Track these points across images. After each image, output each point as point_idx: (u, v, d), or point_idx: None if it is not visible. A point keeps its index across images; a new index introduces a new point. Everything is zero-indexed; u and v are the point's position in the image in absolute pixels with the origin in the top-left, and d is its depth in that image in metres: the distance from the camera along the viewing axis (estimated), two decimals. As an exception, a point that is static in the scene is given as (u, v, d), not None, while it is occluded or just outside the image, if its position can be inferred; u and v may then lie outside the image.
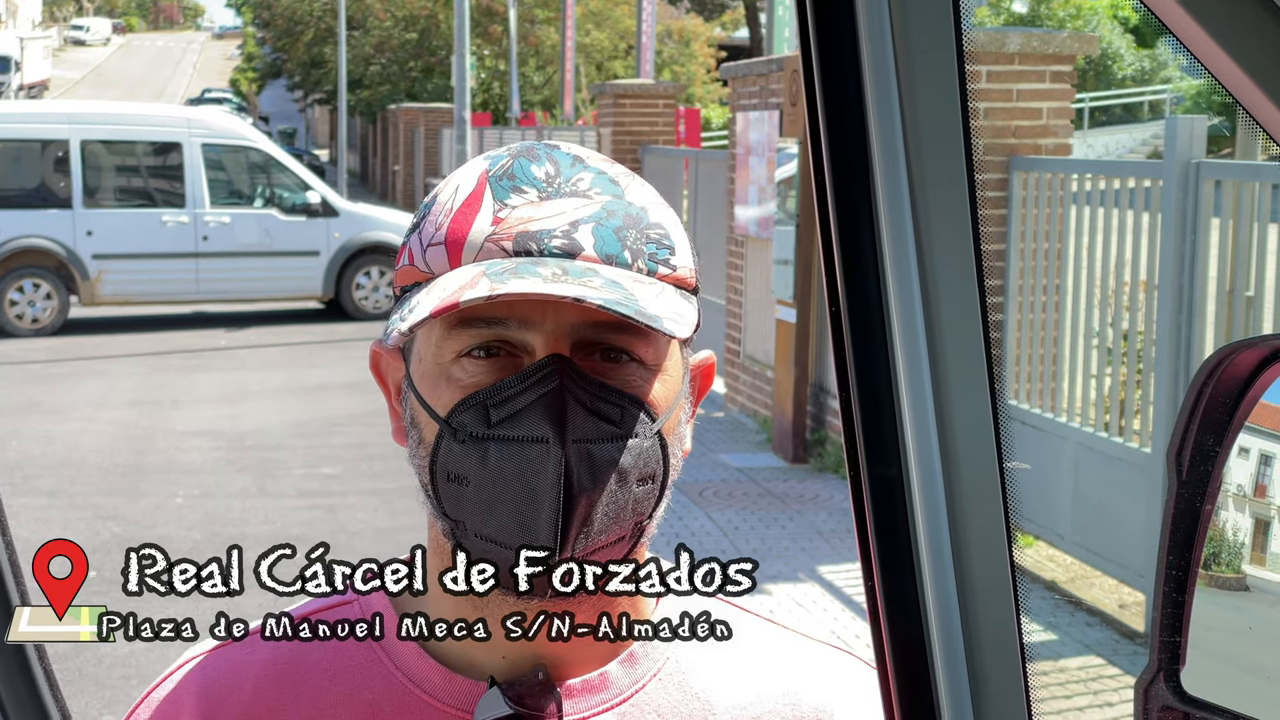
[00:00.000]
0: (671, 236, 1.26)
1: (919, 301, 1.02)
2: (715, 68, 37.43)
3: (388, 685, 1.29)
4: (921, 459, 1.04)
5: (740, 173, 12.50)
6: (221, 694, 1.32)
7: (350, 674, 1.30)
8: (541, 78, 41.06)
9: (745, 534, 9.29)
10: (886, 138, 1.00)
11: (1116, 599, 7.79)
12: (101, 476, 11.08)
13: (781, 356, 11.47)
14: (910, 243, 1.01)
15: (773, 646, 1.38)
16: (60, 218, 19.10)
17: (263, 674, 1.32)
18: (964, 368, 1.03)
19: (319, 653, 1.32)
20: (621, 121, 17.15)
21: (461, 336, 1.21)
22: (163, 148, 19.55)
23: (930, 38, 0.97)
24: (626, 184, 1.27)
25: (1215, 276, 7.16)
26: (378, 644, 1.31)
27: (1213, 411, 1.08)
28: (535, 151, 1.26)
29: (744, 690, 1.34)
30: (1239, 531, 1.09)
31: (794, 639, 1.40)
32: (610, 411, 1.20)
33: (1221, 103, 4.01)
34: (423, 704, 1.28)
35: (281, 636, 1.32)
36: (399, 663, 1.30)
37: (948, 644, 1.05)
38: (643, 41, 28.80)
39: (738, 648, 1.35)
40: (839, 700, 1.36)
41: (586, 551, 1.19)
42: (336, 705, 1.29)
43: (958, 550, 1.05)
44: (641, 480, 1.22)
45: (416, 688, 1.28)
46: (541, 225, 1.21)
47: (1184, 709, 1.06)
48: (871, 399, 1.04)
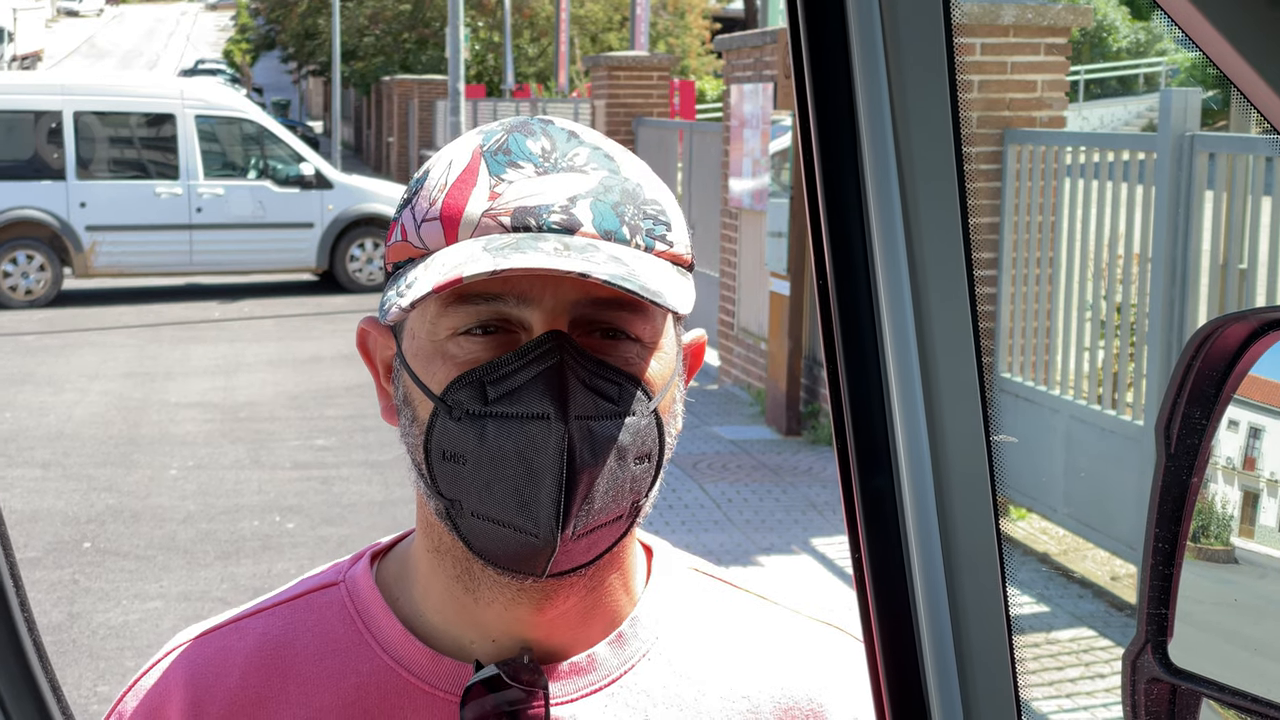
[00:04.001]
0: (668, 213, 1.25)
1: (906, 274, 1.02)
2: (710, 40, 37.34)
3: (374, 668, 1.29)
4: (908, 430, 1.04)
5: (734, 145, 12.48)
6: (208, 680, 1.31)
7: (337, 657, 1.30)
8: (536, 50, 40.96)
9: (738, 506, 9.30)
10: (874, 111, 1.00)
11: (1108, 571, 7.81)
12: (96, 448, 11.08)
13: (775, 329, 11.48)
14: (898, 216, 1.01)
15: (764, 625, 1.37)
16: (54, 189, 19.06)
17: (250, 659, 1.31)
18: (951, 340, 1.03)
19: (306, 636, 1.31)
20: (616, 94, 17.11)
21: (458, 313, 1.20)
22: (156, 119, 19.50)
23: (918, 9, 0.97)
24: (622, 160, 1.26)
25: (1209, 249, 7.16)
26: (364, 627, 1.31)
27: (1201, 385, 1.08)
28: (530, 126, 1.25)
29: (735, 671, 1.33)
30: (1227, 504, 1.09)
31: (786, 616, 1.39)
32: (609, 389, 1.19)
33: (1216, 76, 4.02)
34: (410, 686, 1.28)
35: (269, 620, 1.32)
36: (386, 645, 1.29)
37: (934, 615, 1.06)
38: (637, 13, 28.73)
39: (729, 627, 1.35)
40: (831, 681, 1.35)
41: (585, 529, 1.18)
42: (323, 689, 1.29)
43: (944, 522, 1.05)
44: (639, 459, 1.21)
45: (404, 670, 1.28)
46: (539, 200, 1.20)
47: (1171, 680, 1.07)
48: (859, 372, 1.04)
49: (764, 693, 1.33)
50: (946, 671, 1.06)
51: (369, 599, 1.32)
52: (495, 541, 1.19)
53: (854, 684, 1.35)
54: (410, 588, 1.32)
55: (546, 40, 40.28)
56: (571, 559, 1.20)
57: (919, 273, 1.02)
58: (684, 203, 15.45)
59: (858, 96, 1.00)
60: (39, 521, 9.09)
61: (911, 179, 1.00)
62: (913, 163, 1.00)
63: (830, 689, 1.35)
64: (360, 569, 1.35)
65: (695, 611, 1.35)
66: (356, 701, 1.28)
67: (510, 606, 1.25)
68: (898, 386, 1.04)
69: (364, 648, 1.30)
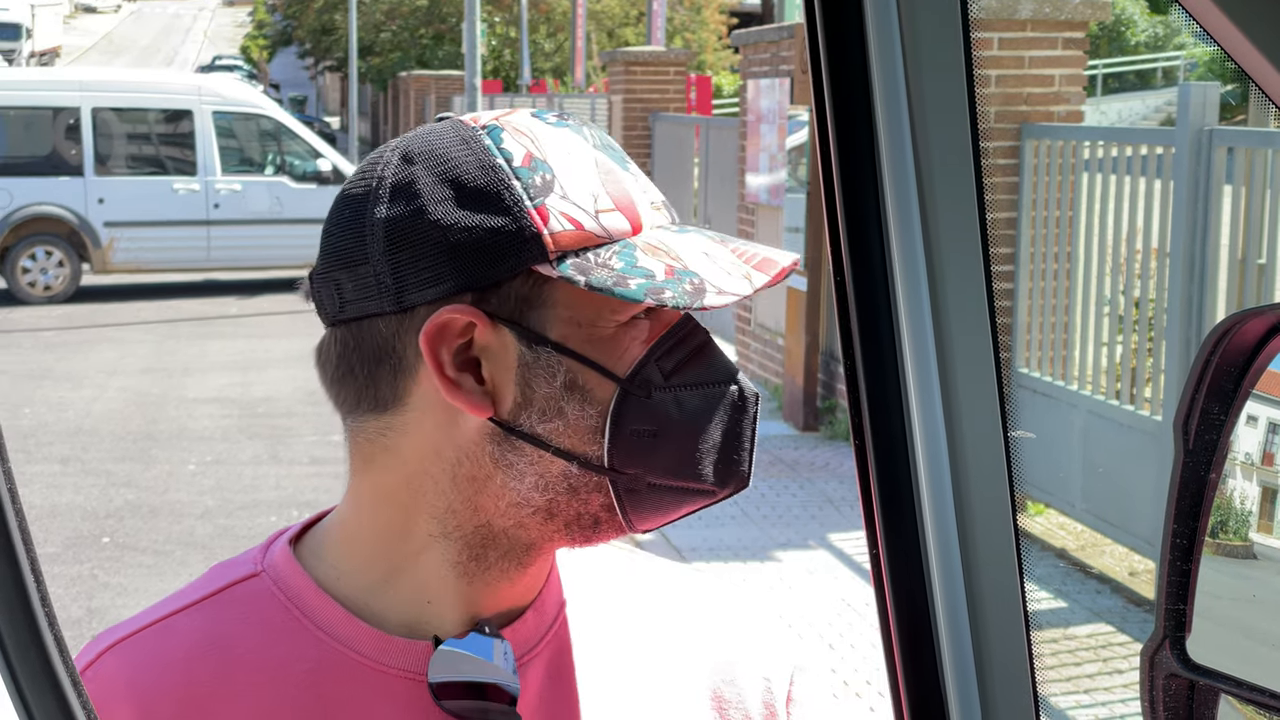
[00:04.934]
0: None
1: (924, 270, 1.02)
2: (727, 35, 37.29)
3: (324, 653, 1.27)
4: (926, 426, 1.04)
5: (751, 140, 12.47)
6: (153, 683, 1.28)
7: (281, 646, 1.28)
8: (552, 45, 40.95)
9: (755, 501, 9.30)
10: (891, 107, 1.00)
11: (1126, 567, 7.79)
12: (114, 443, 11.11)
13: (792, 324, 11.47)
14: (915, 212, 1.01)
15: (666, 585, 1.43)
16: (72, 185, 19.11)
17: (190, 655, 1.28)
18: (969, 336, 1.03)
19: (243, 629, 1.29)
20: (632, 89, 17.11)
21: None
22: (174, 115, 19.53)
23: (935, 4, 0.97)
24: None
25: (1227, 244, 7.14)
26: (301, 613, 1.29)
27: (1219, 380, 1.08)
28: (576, 118, 1.32)
29: (650, 631, 1.38)
30: (1246, 500, 1.09)
31: (680, 574, 1.45)
32: None
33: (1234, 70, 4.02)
34: (365, 668, 1.27)
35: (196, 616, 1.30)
36: (330, 630, 1.28)
37: (951, 610, 1.06)
38: (654, 8, 28.71)
39: (631, 588, 1.41)
40: (741, 637, 1.40)
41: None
42: (274, 681, 1.27)
43: (962, 517, 1.05)
44: None
45: (353, 651, 1.27)
46: (657, 192, 1.30)
47: (1189, 676, 1.07)
48: (877, 368, 1.04)
49: (678, 644, 1.38)
50: (964, 667, 1.06)
51: (300, 585, 1.30)
52: (663, 505, 1.26)
53: (755, 629, 1.42)
54: (351, 570, 1.30)
55: (563, 35, 40.27)
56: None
57: (936, 268, 1.02)
58: (700, 197, 15.44)
59: (875, 92, 1.00)
60: (58, 517, 9.12)
61: (929, 174, 1.00)
62: (930, 158, 1.00)
63: (737, 636, 1.40)
64: (280, 557, 1.33)
65: (595, 573, 1.40)
66: (310, 687, 1.26)
67: (506, 584, 1.29)
68: (915, 382, 1.04)
69: (306, 633, 1.28)
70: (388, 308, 1.24)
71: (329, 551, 1.32)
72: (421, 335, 1.23)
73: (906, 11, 0.98)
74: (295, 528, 1.37)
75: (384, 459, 1.28)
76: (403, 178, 1.25)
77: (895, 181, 1.01)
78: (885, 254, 1.03)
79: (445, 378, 1.24)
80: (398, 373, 1.26)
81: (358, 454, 1.30)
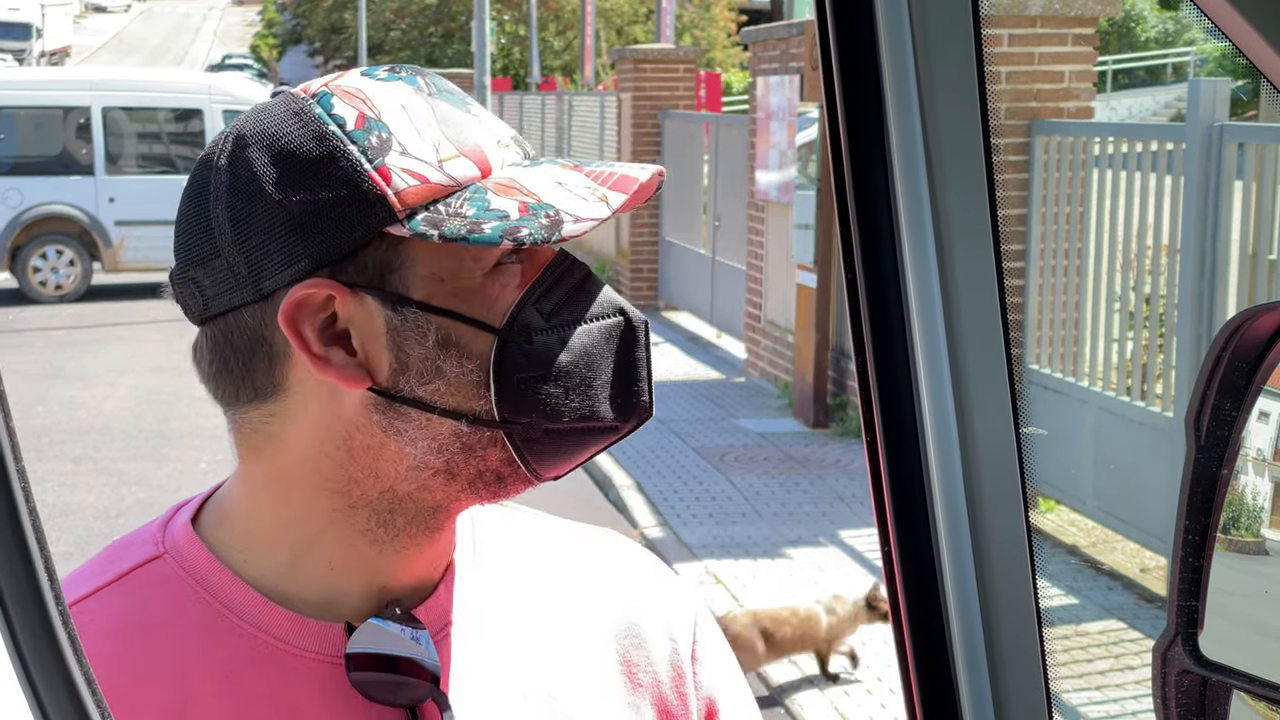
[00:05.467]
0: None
1: (935, 267, 1.02)
2: (736, 32, 37.26)
3: (240, 639, 1.25)
4: (938, 423, 1.04)
5: (761, 137, 12.46)
6: None
7: (196, 632, 1.26)
8: (561, 43, 40.95)
9: (766, 499, 9.30)
10: (902, 103, 1.00)
11: (1138, 563, 7.78)
12: (126, 442, 11.13)
13: (802, 321, 11.46)
14: (926, 208, 1.01)
15: (565, 544, 1.42)
16: (83, 184, 19.14)
17: (109, 641, 1.26)
18: (980, 333, 1.02)
19: (155, 615, 1.27)
20: (642, 86, 17.10)
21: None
22: (184, 114, 19.56)
23: (946, 1, 0.97)
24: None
25: (1238, 240, 7.13)
26: (213, 598, 1.27)
27: (1231, 376, 1.08)
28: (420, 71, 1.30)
29: (559, 591, 1.38)
30: (1258, 495, 1.09)
31: (577, 531, 1.45)
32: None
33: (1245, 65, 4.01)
34: (282, 653, 1.25)
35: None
36: (244, 615, 1.26)
37: (963, 607, 1.06)
38: (663, 5, 28.70)
39: (536, 549, 1.40)
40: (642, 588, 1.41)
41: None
42: (192, 669, 1.25)
43: (974, 514, 1.05)
44: None
45: (271, 638, 1.25)
46: (507, 129, 1.28)
47: (1201, 672, 1.07)
48: (888, 365, 1.04)
49: (589, 607, 1.37)
50: (976, 663, 1.06)
51: (208, 569, 1.28)
52: (565, 449, 1.24)
53: (655, 586, 1.42)
54: (254, 547, 1.28)
55: (572, 33, 40.26)
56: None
57: (948, 265, 1.02)
58: (710, 195, 15.44)
59: (885, 89, 1.00)
60: (70, 516, 9.14)
61: (940, 171, 1.00)
62: (941, 155, 1.00)
63: (639, 595, 1.40)
64: (181, 536, 1.31)
65: (500, 539, 1.39)
66: (230, 675, 1.24)
67: (418, 551, 1.27)
68: (927, 379, 1.04)
69: (221, 620, 1.26)
70: (249, 297, 1.23)
71: (232, 537, 1.29)
72: (279, 316, 1.21)
73: (917, 7, 0.98)
74: (191, 503, 1.34)
75: (273, 446, 1.26)
76: (238, 163, 1.22)
77: (906, 178, 1.01)
78: (896, 250, 1.03)
79: (313, 355, 1.22)
80: (271, 360, 1.24)
81: (244, 444, 1.28)
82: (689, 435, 11.00)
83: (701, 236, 15.79)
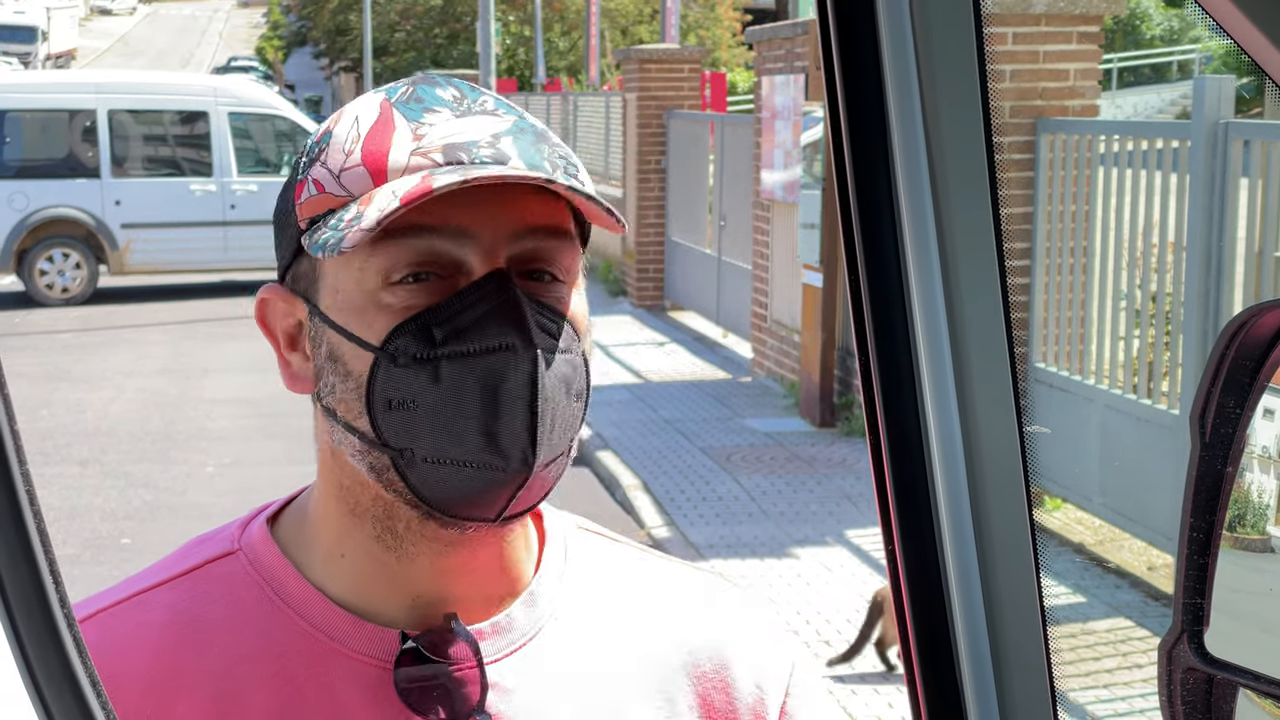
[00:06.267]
0: (574, 158, 1.27)
1: (937, 266, 1.02)
2: (741, 31, 37.24)
3: (294, 635, 1.27)
4: (941, 422, 1.04)
5: (766, 137, 12.46)
6: (122, 656, 1.27)
7: (253, 626, 1.28)
8: (566, 43, 40.95)
9: (773, 498, 9.29)
10: (904, 102, 1.00)
11: (1145, 561, 7.78)
12: (132, 445, 11.13)
13: (808, 321, 11.46)
14: (928, 207, 1.01)
15: (658, 580, 1.39)
16: (88, 187, 19.16)
17: (163, 632, 1.28)
18: (983, 332, 1.02)
19: (216, 608, 1.29)
20: (647, 87, 17.10)
21: (391, 252, 1.19)
22: (190, 117, 19.57)
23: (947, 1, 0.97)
24: (522, 110, 1.29)
25: (1244, 237, 7.12)
26: (276, 594, 1.28)
27: (1235, 374, 1.07)
28: (432, 79, 1.27)
29: (640, 628, 1.35)
30: (1263, 493, 1.09)
31: (676, 569, 1.41)
32: (552, 328, 1.21)
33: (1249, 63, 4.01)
34: (334, 653, 1.26)
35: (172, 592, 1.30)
36: (303, 612, 1.27)
37: (968, 606, 1.06)
38: (668, 6, 28.69)
39: (627, 584, 1.37)
40: (731, 632, 1.37)
41: (548, 459, 1.19)
42: (244, 659, 1.26)
43: (977, 513, 1.05)
44: (576, 395, 1.23)
45: (325, 636, 1.26)
46: (466, 138, 1.21)
47: (1207, 670, 1.07)
48: (891, 364, 1.04)
49: (670, 640, 1.34)
50: (981, 662, 1.06)
51: (275, 565, 1.30)
52: (452, 485, 1.19)
53: (752, 634, 1.38)
54: (317, 551, 1.30)
55: (577, 34, 40.26)
56: (530, 497, 1.21)
57: (950, 263, 1.02)
58: (715, 194, 15.44)
59: (887, 88, 1.00)
60: (77, 519, 9.15)
61: (942, 170, 1.00)
62: (943, 154, 1.00)
63: (732, 641, 1.36)
64: (257, 535, 1.32)
65: (594, 568, 1.37)
66: (280, 672, 1.26)
67: (436, 560, 1.25)
68: (930, 378, 1.04)
69: (280, 615, 1.28)
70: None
71: (302, 536, 1.32)
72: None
73: (918, 5, 0.98)
74: (275, 504, 1.36)
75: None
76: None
77: (909, 176, 1.01)
78: (899, 249, 1.03)
79: (280, 355, 1.28)
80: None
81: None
82: (695, 435, 10.99)
83: (707, 236, 15.79)
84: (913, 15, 0.98)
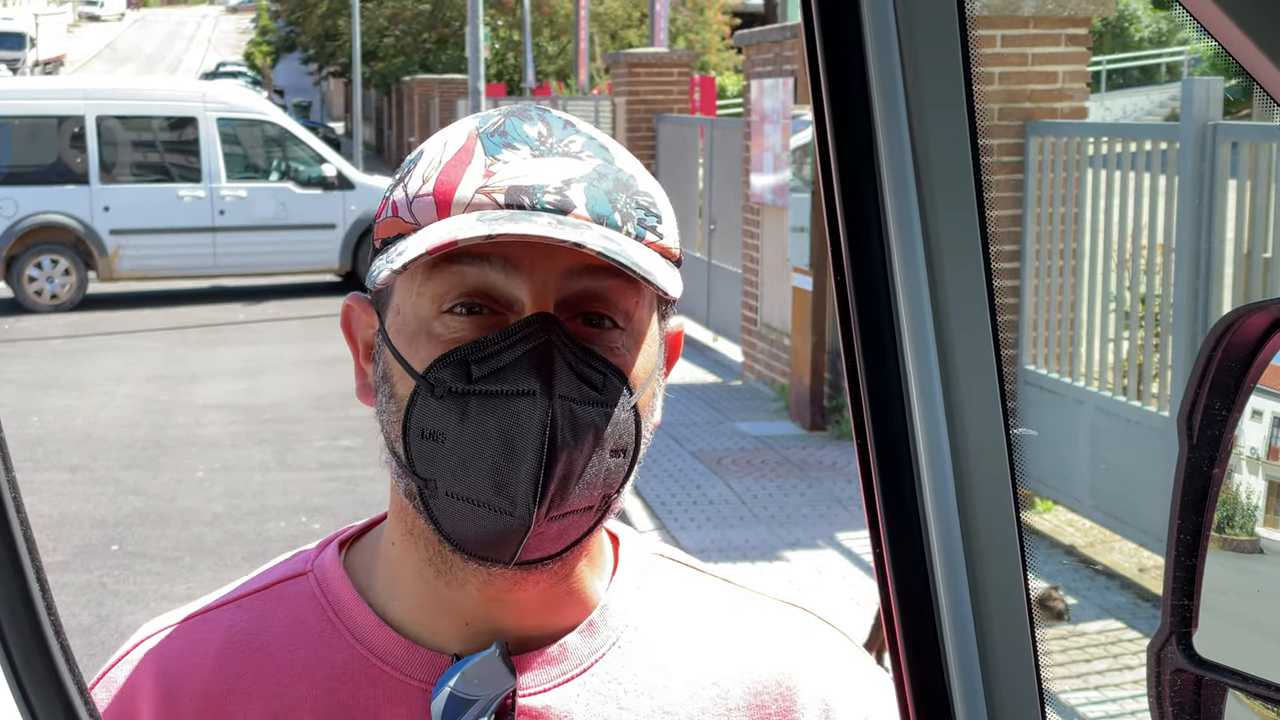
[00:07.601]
0: (659, 206, 1.26)
1: (924, 269, 1.02)
2: (730, 35, 37.26)
3: (349, 658, 1.28)
4: (928, 425, 1.04)
5: (755, 140, 12.47)
6: (180, 671, 1.30)
7: (310, 647, 1.29)
8: (555, 47, 40.95)
9: (764, 502, 9.30)
10: (889, 106, 1.00)
11: (1135, 563, 7.79)
12: (122, 451, 11.12)
13: (798, 324, 11.47)
14: (914, 209, 1.01)
15: (731, 609, 1.37)
16: (77, 193, 19.14)
17: (220, 650, 1.31)
18: (970, 334, 1.03)
19: (277, 627, 1.31)
20: (636, 90, 17.11)
21: (443, 279, 1.19)
22: (178, 122, 19.57)
23: (931, 2, 0.97)
24: (616, 151, 1.27)
25: (1233, 239, 7.14)
26: (336, 616, 1.30)
27: (1223, 375, 1.07)
28: (528, 112, 1.26)
29: (705, 657, 1.33)
30: (1251, 494, 1.09)
31: (751, 599, 1.39)
32: (594, 377, 1.19)
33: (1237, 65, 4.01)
34: (384, 676, 1.27)
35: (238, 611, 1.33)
36: (359, 634, 1.29)
37: (955, 608, 1.06)
38: (657, 10, 28.71)
39: (697, 612, 1.35)
40: (799, 662, 1.35)
41: (559, 512, 1.18)
42: (297, 679, 1.28)
43: (964, 515, 1.05)
44: (615, 452, 1.21)
45: (378, 660, 1.27)
46: (534, 180, 1.20)
47: (1196, 671, 1.07)
48: (878, 366, 1.04)
49: (733, 677, 1.32)
50: (969, 664, 1.06)
51: (339, 588, 1.31)
52: (468, 523, 1.19)
53: (821, 664, 1.35)
54: (381, 575, 1.31)
55: (566, 38, 40.27)
56: (541, 546, 1.20)
57: (936, 266, 1.02)
58: (705, 198, 15.44)
59: (873, 91, 1.00)
60: (67, 525, 9.13)
61: (928, 172, 1.00)
62: (929, 156, 1.00)
63: (799, 670, 1.34)
64: (329, 557, 1.34)
65: (663, 598, 1.35)
66: (331, 692, 1.27)
67: (483, 588, 1.24)
68: (916, 381, 1.04)
69: (337, 637, 1.29)
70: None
71: (370, 554, 1.34)
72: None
73: (903, 9, 0.98)
74: (358, 526, 1.39)
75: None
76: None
77: (894, 180, 1.01)
78: (885, 252, 1.03)
79: (357, 364, 1.30)
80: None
81: None
82: (686, 439, 11.00)
83: (697, 240, 15.80)
84: (897, 18, 0.98)
